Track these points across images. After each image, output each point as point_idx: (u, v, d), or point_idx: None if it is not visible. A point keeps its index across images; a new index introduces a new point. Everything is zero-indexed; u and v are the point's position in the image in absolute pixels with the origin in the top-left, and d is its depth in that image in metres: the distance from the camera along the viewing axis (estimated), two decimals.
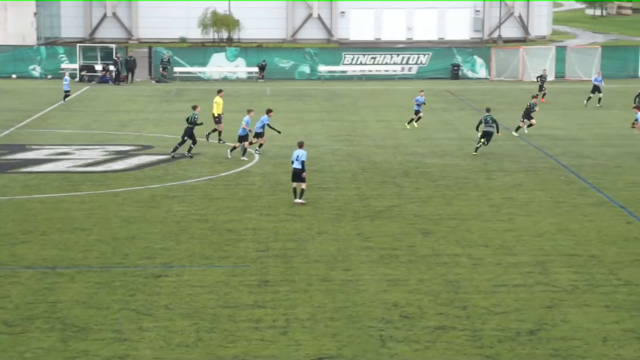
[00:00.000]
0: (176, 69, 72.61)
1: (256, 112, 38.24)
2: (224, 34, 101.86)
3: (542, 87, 58.69)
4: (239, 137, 36.96)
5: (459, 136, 43.73)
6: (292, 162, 28.97)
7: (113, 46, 74.41)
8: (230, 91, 44.23)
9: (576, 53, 74.90)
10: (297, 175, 28.82)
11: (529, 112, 43.34)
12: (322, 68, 74.07)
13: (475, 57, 75.07)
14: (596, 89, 56.04)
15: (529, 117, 43.32)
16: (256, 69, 73.12)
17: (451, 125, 47.59)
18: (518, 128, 43.69)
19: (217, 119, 41.08)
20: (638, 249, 24.20)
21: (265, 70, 72.61)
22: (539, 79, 60.23)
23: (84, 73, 71.18)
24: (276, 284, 21.08)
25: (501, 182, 32.89)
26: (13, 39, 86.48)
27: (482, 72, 74.54)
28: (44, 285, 20.96)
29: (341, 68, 74.57)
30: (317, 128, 46.60)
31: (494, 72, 73.80)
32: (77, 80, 69.27)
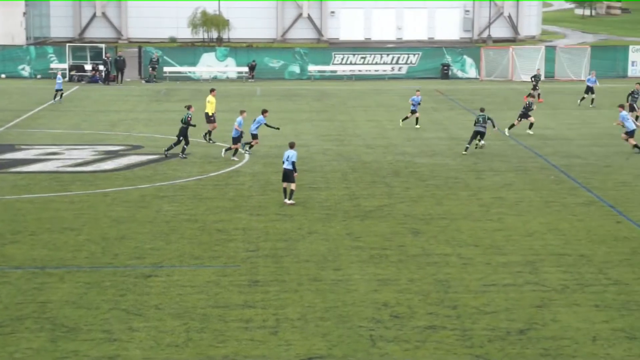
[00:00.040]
0: (166, 69, 72.51)
1: (248, 113, 38.15)
2: (214, 34, 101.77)
3: (536, 87, 58.68)
4: (233, 139, 36.84)
5: (449, 136, 43.77)
6: (283, 162, 28.98)
7: (102, 46, 74.29)
8: (220, 91, 44.18)
9: (566, 53, 75.02)
10: (288, 175, 28.83)
11: (527, 112, 43.36)
12: (312, 68, 74.07)
13: (465, 57, 75.17)
14: (589, 90, 56.03)
15: (527, 117, 43.33)
16: (246, 69, 73.08)
17: (441, 125, 47.63)
18: (512, 126, 43.72)
19: (212, 118, 41.10)
20: (627, 249, 24.26)
21: (255, 70, 72.57)
22: (533, 79, 60.27)
23: (74, 73, 71.06)
24: (266, 284, 21.06)
25: (491, 182, 32.93)
26: (2, 39, 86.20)
27: (472, 72, 74.63)
28: (33, 285, 20.91)
29: (331, 68, 74.58)
30: (307, 128, 46.58)
31: (484, 72, 73.89)
32: (67, 80, 69.08)
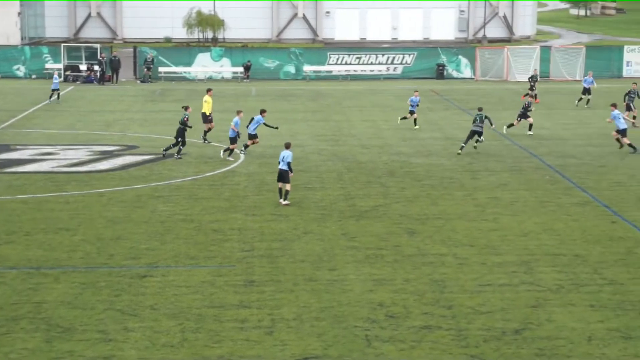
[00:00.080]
0: (161, 69, 72.44)
1: (243, 113, 38.10)
2: (209, 34, 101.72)
3: (533, 87, 58.69)
4: (230, 140, 36.89)
5: (444, 136, 43.79)
6: (279, 163, 28.99)
7: (97, 46, 74.20)
8: (215, 91, 44.17)
9: (561, 53, 75.06)
10: (283, 175, 28.84)
11: (526, 112, 43.39)
12: (308, 68, 74.03)
13: (460, 57, 75.17)
14: (587, 90, 55.93)
15: (526, 117, 43.36)
16: (241, 69, 73.03)
17: (436, 125, 47.64)
18: (511, 125, 43.74)
19: (210, 118, 41.14)
20: (622, 249, 24.29)
21: (250, 70, 72.53)
22: (530, 80, 60.35)
23: (69, 73, 70.97)
24: (262, 284, 21.06)
25: (486, 182, 32.95)
26: None
27: (467, 72, 74.64)
28: (29, 285, 20.89)
29: (326, 68, 74.54)
30: (303, 128, 46.58)
31: (479, 72, 73.91)
32: (62, 80, 69.00)
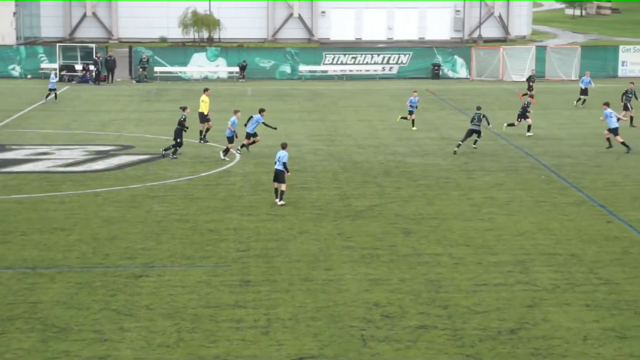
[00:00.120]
0: (157, 69, 72.40)
1: (240, 113, 38.11)
2: (205, 34, 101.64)
3: (531, 88, 58.74)
4: (228, 139, 37.01)
5: (440, 136, 43.82)
6: (275, 163, 29.00)
7: (93, 46, 74.15)
8: (211, 91, 44.16)
9: (556, 53, 75.13)
10: (279, 176, 28.85)
11: (525, 112, 43.40)
12: (303, 68, 74.04)
13: (455, 57, 75.21)
14: (584, 91, 55.90)
15: (526, 117, 43.37)
16: (237, 69, 73.02)
17: (432, 124, 47.66)
18: (511, 124, 43.76)
19: (207, 117, 41.15)
20: (618, 248, 24.31)
21: (246, 70, 72.51)
22: (529, 80, 60.41)
23: (64, 73, 70.92)
24: (257, 284, 21.06)
25: (482, 182, 32.97)
26: None
27: (463, 72, 74.68)
28: (24, 285, 20.87)
29: (322, 68, 74.55)
30: (299, 128, 46.58)
31: (475, 72, 73.96)
32: (57, 80, 68.88)
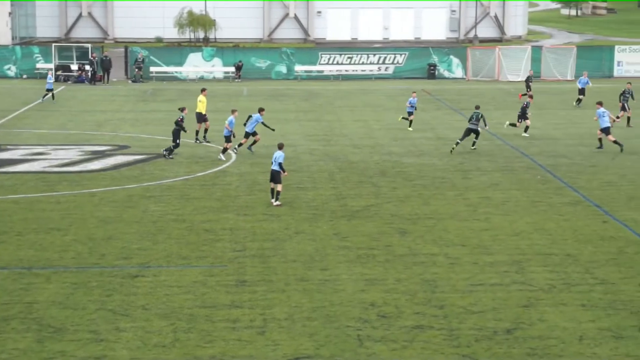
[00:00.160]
0: (152, 69, 72.31)
1: (237, 112, 38.10)
2: (201, 34, 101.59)
3: (529, 88, 58.78)
4: (225, 138, 37.02)
5: (436, 136, 43.84)
6: (272, 163, 29.00)
7: (89, 46, 74.01)
8: (207, 91, 44.13)
9: (552, 53, 75.12)
10: (275, 176, 28.85)
11: (525, 112, 43.43)
12: (299, 68, 73.99)
13: (451, 57, 75.18)
14: (582, 91, 55.92)
15: (525, 117, 43.40)
16: (233, 69, 72.97)
17: (428, 124, 47.66)
18: (513, 124, 43.77)
19: (205, 117, 41.16)
20: (614, 248, 24.34)
21: (241, 70, 72.47)
22: (527, 80, 60.45)
23: (60, 73, 70.83)
24: (254, 284, 21.06)
25: (478, 182, 32.99)
26: None
27: (459, 72, 74.66)
28: (20, 285, 20.85)
29: (318, 68, 74.50)
30: (294, 128, 46.57)
31: (470, 72, 73.93)
32: (53, 80, 68.81)
